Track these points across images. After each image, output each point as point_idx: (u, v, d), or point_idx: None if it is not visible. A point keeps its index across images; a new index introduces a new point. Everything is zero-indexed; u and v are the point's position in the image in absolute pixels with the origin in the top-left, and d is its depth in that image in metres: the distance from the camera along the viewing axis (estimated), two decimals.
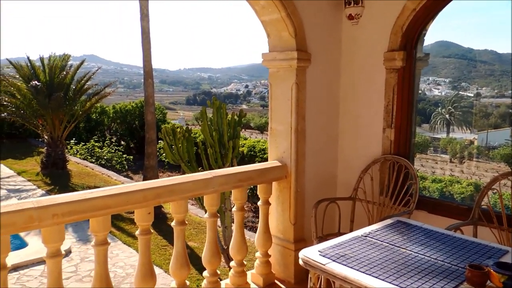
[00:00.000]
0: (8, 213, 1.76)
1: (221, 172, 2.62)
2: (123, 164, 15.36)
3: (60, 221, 1.91)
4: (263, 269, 2.92)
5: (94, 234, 2.10)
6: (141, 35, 9.69)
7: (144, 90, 9.95)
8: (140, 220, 2.25)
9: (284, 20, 2.78)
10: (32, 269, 6.15)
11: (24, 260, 6.32)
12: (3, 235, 1.77)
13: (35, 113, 12.39)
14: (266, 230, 2.91)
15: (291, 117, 2.94)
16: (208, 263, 2.59)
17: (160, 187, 2.27)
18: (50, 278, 1.97)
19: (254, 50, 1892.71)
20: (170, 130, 7.74)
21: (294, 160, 2.98)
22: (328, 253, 1.78)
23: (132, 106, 19.54)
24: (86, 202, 1.99)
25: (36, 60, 13.01)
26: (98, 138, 17.34)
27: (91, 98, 13.35)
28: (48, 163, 12.49)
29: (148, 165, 9.91)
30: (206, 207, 2.60)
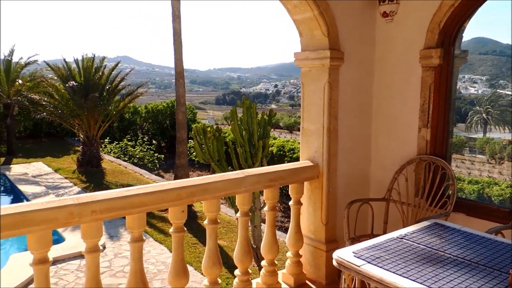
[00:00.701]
0: (50, 209, 1.83)
1: (253, 171, 2.62)
2: (155, 163, 15.68)
3: (99, 217, 1.97)
4: (294, 269, 2.91)
5: (130, 231, 2.15)
6: (173, 36, 9.86)
7: (176, 90, 10.13)
8: (174, 218, 2.28)
9: (316, 19, 2.76)
10: (69, 263, 6.37)
11: (61, 255, 6.57)
12: (46, 230, 1.84)
13: (71, 113, 12.83)
14: (297, 230, 2.90)
15: (323, 117, 2.91)
16: (240, 262, 2.61)
17: (194, 185, 2.29)
18: (88, 272, 2.03)
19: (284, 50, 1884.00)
20: (201, 130, 7.84)
21: (326, 160, 2.95)
22: (363, 254, 1.75)
23: (163, 106, 19.92)
24: (123, 199, 2.04)
25: (71, 62, 13.47)
26: (131, 137, 17.78)
27: (125, 98, 13.69)
28: (83, 161, 12.91)
29: (179, 164, 10.08)
30: (238, 206, 2.61)
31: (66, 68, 13.10)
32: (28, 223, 1.78)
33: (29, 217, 1.78)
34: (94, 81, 12.80)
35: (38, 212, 1.80)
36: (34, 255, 1.87)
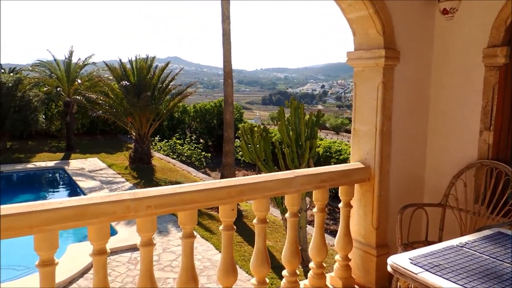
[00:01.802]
0: (109, 202, 1.91)
1: (303, 172, 2.60)
2: (202, 161, 16.01)
3: (153, 212, 2.03)
4: (343, 272, 2.85)
5: (182, 226, 2.20)
6: (222, 37, 10.00)
7: (224, 90, 10.27)
8: (224, 216, 2.31)
9: (371, 17, 2.68)
10: (121, 255, 6.64)
11: (114, 247, 6.85)
12: (105, 222, 1.93)
13: (125, 111, 13.39)
14: (346, 233, 2.84)
15: (376, 118, 2.83)
16: (288, 262, 2.59)
17: (244, 184, 2.31)
18: (142, 265, 2.10)
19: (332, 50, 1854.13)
20: (248, 129, 7.89)
21: (378, 162, 2.86)
22: (420, 261, 1.68)
23: (211, 106, 20.29)
24: (176, 196, 2.09)
25: (126, 62, 14.05)
26: (180, 136, 18.27)
27: (175, 98, 14.09)
28: (135, 158, 13.42)
29: (225, 162, 10.21)
30: (287, 206, 2.60)
31: (122, 68, 13.68)
32: (88, 216, 1.87)
33: (90, 210, 1.87)
34: (146, 81, 13.28)
35: (98, 206, 1.89)
36: (93, 246, 1.96)
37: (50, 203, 1.79)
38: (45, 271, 1.85)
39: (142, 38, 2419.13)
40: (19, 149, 15.66)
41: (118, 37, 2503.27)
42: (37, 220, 1.73)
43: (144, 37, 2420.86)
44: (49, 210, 1.76)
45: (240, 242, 7.77)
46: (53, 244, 1.83)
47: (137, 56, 13.74)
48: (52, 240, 1.82)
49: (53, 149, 15.94)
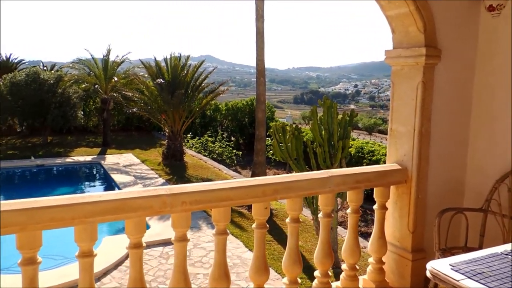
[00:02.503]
0: (146, 197, 1.95)
1: (338, 172, 2.56)
2: (233, 159, 16.12)
3: (188, 208, 2.05)
4: (376, 276, 2.79)
5: (215, 223, 2.22)
6: (256, 35, 10.02)
7: (256, 88, 10.29)
8: (257, 214, 2.31)
9: (412, 14, 2.60)
10: (153, 249, 6.79)
11: (146, 241, 6.98)
12: (142, 216, 1.97)
13: (159, 108, 13.66)
14: (381, 236, 2.77)
15: (415, 118, 2.74)
16: (320, 263, 2.56)
17: (278, 183, 2.30)
18: (176, 260, 2.13)
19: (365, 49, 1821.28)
20: (280, 128, 7.87)
21: (416, 164, 2.77)
22: (462, 268, 1.61)
23: (242, 104, 20.39)
24: (210, 192, 2.11)
25: (161, 60, 14.32)
26: (211, 133, 18.46)
27: (207, 96, 14.24)
28: (168, 155, 13.68)
29: (257, 161, 10.24)
30: (321, 206, 2.57)
31: (157, 66, 13.97)
32: (126, 209, 1.91)
33: (128, 204, 1.91)
34: (180, 78, 13.49)
35: (136, 200, 1.93)
36: (130, 239, 2.01)
37: (90, 196, 1.85)
38: (84, 262, 1.91)
39: (176, 36, 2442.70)
40: (59, 143, 16.31)
41: (153, 35, 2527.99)
42: (79, 212, 1.79)
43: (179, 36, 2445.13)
44: (90, 203, 1.81)
45: (269, 240, 7.78)
46: (92, 236, 1.88)
47: (172, 54, 13.98)
48: (92, 232, 1.88)
49: (90, 144, 16.50)
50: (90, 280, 1.92)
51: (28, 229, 1.72)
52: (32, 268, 1.78)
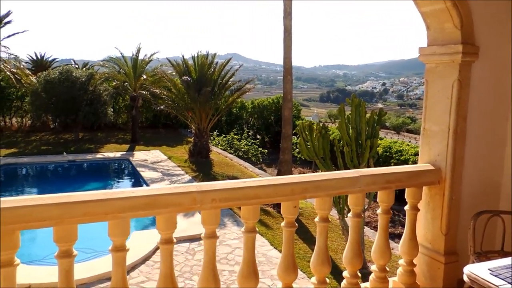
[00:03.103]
0: (177, 194, 1.97)
1: (368, 171, 2.51)
2: (258, 157, 16.14)
3: (218, 205, 2.06)
4: (407, 278, 2.73)
5: (244, 221, 2.22)
6: (283, 33, 9.97)
7: (283, 86, 10.25)
8: (286, 213, 2.30)
9: (448, 10, 2.52)
10: (180, 245, 6.88)
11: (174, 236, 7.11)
12: (172, 213, 2.00)
13: (186, 106, 13.83)
14: (412, 237, 2.71)
15: (450, 117, 2.66)
16: (349, 264, 2.53)
17: (307, 182, 2.28)
18: (206, 256, 2.15)
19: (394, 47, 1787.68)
20: (307, 126, 7.82)
21: (450, 165, 2.69)
22: (502, 273, 1.55)
23: (268, 102, 20.37)
24: (239, 190, 2.11)
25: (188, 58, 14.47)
26: (237, 131, 18.54)
27: (234, 94, 14.30)
28: (194, 152, 13.83)
29: (283, 159, 10.21)
30: (351, 206, 2.53)
31: (184, 64, 14.13)
32: (158, 206, 1.94)
33: (159, 200, 1.94)
34: (207, 76, 13.60)
35: (167, 196, 1.95)
36: (161, 235, 2.04)
37: (123, 192, 1.89)
38: (117, 256, 1.95)
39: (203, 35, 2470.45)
40: (89, 140, 16.76)
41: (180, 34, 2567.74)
42: (112, 207, 1.82)
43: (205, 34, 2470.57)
44: (122, 198, 1.85)
45: (295, 239, 7.73)
46: (125, 230, 1.92)
47: (199, 53, 14.10)
48: (124, 227, 1.92)
49: (119, 141, 16.89)
50: (122, 273, 1.96)
51: (64, 223, 1.76)
52: (68, 261, 1.84)
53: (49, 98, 14.84)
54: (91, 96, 15.27)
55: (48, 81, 14.78)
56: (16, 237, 1.72)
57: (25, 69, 15.76)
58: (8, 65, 14.75)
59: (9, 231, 1.69)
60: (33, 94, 14.89)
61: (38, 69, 19.67)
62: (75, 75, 15.19)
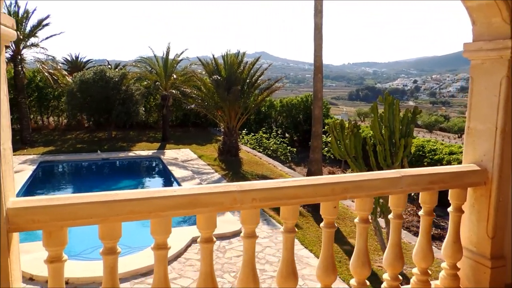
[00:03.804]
0: (217, 193, 1.97)
1: (410, 171, 2.44)
2: (287, 155, 16.08)
3: (258, 205, 2.05)
4: (450, 282, 2.63)
5: (284, 221, 2.20)
6: (314, 31, 9.88)
7: (313, 84, 10.16)
8: (326, 213, 2.26)
9: (497, 4, 2.40)
10: None
11: None
12: (213, 212, 2.00)
13: (215, 104, 13.94)
14: (456, 240, 2.61)
15: (497, 116, 2.54)
16: (390, 266, 2.46)
17: (348, 182, 2.23)
18: (245, 255, 2.14)
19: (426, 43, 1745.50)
20: (338, 125, 7.71)
21: (498, 165, 2.57)
22: None
23: (297, 101, 20.26)
24: (279, 190, 2.09)
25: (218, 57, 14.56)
26: (266, 130, 18.52)
27: (263, 92, 14.29)
28: (223, 150, 13.92)
29: (313, 158, 10.13)
30: (391, 207, 2.46)
31: (214, 63, 14.24)
32: (199, 204, 1.94)
33: (200, 199, 1.94)
34: (236, 75, 13.66)
35: (207, 195, 1.95)
36: (202, 234, 2.04)
37: (165, 191, 1.90)
38: (159, 254, 1.97)
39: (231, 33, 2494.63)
40: (122, 138, 17.18)
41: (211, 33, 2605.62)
42: (155, 206, 1.84)
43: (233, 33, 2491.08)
44: (165, 197, 1.86)
45: None
46: (167, 229, 1.94)
47: (228, 51, 14.17)
48: (166, 226, 1.93)
49: (150, 139, 17.22)
50: (164, 271, 1.98)
51: (109, 221, 1.80)
52: (112, 258, 1.87)
53: (84, 97, 15.31)
54: (124, 95, 15.63)
55: (83, 81, 15.24)
56: (64, 234, 1.77)
57: (61, 70, 16.32)
58: (46, 66, 15.30)
59: (58, 228, 1.73)
60: (69, 94, 15.40)
61: (73, 70, 20.32)
62: (109, 75, 15.60)
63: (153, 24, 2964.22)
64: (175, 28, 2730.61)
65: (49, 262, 1.77)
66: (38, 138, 16.14)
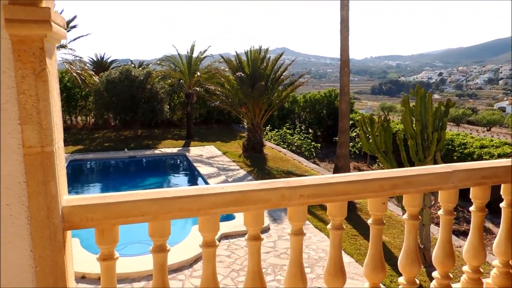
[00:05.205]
0: (265, 190, 1.93)
1: (461, 166, 2.34)
2: (311, 151, 15.95)
3: (305, 202, 2.00)
4: (503, 280, 2.52)
5: (331, 218, 2.14)
6: (340, 24, 9.71)
7: (340, 79, 10.00)
8: (374, 210, 2.19)
9: None
10: (239, 239, 6.95)
11: (232, 231, 7.19)
12: (260, 209, 1.96)
13: (240, 101, 13.93)
14: (509, 237, 2.49)
15: None
16: (440, 264, 2.37)
17: (397, 177, 2.16)
18: (292, 254, 2.10)
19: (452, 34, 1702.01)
20: (368, 120, 7.58)
21: None
22: None
23: (320, 96, 20.07)
24: (328, 186, 2.03)
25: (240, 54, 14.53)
26: (289, 126, 18.42)
27: (287, 88, 14.20)
28: (248, 147, 13.91)
29: (340, 153, 9.99)
30: (441, 203, 2.37)
31: (237, 60, 14.23)
32: (247, 202, 1.91)
33: (248, 196, 1.91)
34: (260, 71, 13.61)
35: (255, 192, 1.92)
36: (249, 231, 2.01)
37: (214, 188, 1.87)
38: (207, 252, 1.95)
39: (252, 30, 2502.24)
40: (147, 136, 17.41)
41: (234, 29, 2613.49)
42: (204, 203, 1.82)
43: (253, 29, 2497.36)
44: (214, 194, 1.83)
45: (355, 235, 7.58)
46: (215, 226, 1.91)
47: (251, 48, 14.12)
48: (214, 223, 1.91)
49: (175, 137, 17.39)
50: (213, 269, 1.96)
51: (159, 218, 1.78)
52: (162, 255, 1.86)
53: (110, 97, 15.57)
54: (149, 94, 15.82)
55: (110, 80, 15.49)
56: (116, 232, 1.77)
57: (89, 70, 16.64)
58: (74, 66, 15.62)
59: (110, 226, 1.73)
60: (96, 94, 15.68)
61: (99, 70, 20.69)
62: (134, 74, 15.81)
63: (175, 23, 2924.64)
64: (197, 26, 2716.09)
65: (101, 260, 1.77)
66: (67, 137, 16.53)
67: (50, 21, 1.45)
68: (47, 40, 1.49)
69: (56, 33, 1.55)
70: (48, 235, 1.56)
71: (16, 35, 1.45)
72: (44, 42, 1.48)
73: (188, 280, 5.52)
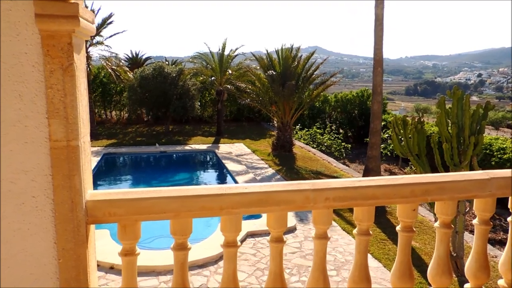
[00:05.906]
0: (289, 191, 1.88)
1: (499, 173, 2.20)
2: (341, 152, 15.70)
3: (331, 205, 1.94)
4: None
5: (358, 223, 2.07)
6: (374, 22, 9.48)
7: (373, 79, 9.77)
8: (404, 216, 2.10)
9: None
10: (265, 238, 6.91)
11: (258, 229, 7.16)
12: (284, 210, 1.91)
13: (270, 99, 13.87)
14: None
15: None
16: (474, 276, 2.24)
17: (430, 183, 2.05)
18: (316, 257, 2.04)
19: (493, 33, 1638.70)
20: (401, 121, 7.35)
21: None
22: None
23: (352, 96, 19.73)
24: (355, 189, 1.96)
25: (271, 52, 14.47)
26: (320, 125, 18.21)
27: (318, 87, 14.02)
28: (277, 145, 13.84)
29: (371, 155, 9.76)
30: (477, 212, 2.24)
31: (268, 58, 14.17)
32: (270, 202, 1.86)
33: (272, 197, 1.86)
34: (291, 70, 13.50)
35: (279, 193, 1.87)
36: (272, 233, 1.97)
37: (237, 187, 1.84)
38: (229, 251, 1.92)
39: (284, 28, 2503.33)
40: (178, 132, 17.67)
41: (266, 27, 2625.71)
42: (227, 203, 1.79)
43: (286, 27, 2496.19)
44: (237, 194, 1.80)
45: (383, 239, 7.39)
46: (237, 226, 1.88)
47: (283, 46, 14.03)
48: (237, 223, 1.88)
49: (205, 134, 17.55)
50: (233, 269, 1.93)
51: (181, 216, 1.77)
52: (183, 254, 1.84)
53: (144, 93, 15.89)
54: (181, 90, 16.03)
55: (143, 77, 15.81)
56: (138, 228, 1.77)
57: (124, 66, 17.05)
58: (110, 62, 16.05)
59: (132, 222, 1.73)
60: (130, 89, 16.05)
61: (133, 66, 21.17)
62: (167, 71, 16.06)
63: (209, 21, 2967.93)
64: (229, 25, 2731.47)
65: (123, 255, 1.78)
66: (102, 131, 17.02)
67: (78, 16, 1.45)
68: (75, 35, 1.50)
69: (84, 29, 1.55)
70: (71, 229, 1.58)
71: (45, 30, 1.46)
72: (72, 37, 1.49)
73: (213, 276, 5.55)
